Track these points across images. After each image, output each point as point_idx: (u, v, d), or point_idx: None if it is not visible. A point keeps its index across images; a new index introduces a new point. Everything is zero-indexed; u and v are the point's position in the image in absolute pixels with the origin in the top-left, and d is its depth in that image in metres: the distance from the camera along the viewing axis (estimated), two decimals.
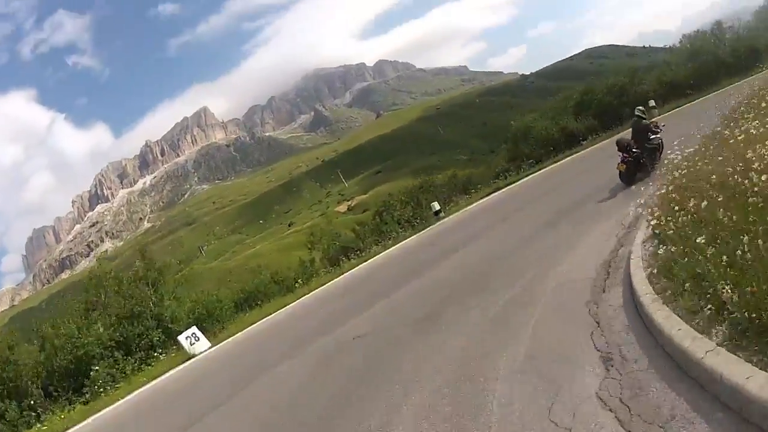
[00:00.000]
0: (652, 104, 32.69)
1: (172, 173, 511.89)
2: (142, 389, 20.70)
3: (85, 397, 22.62)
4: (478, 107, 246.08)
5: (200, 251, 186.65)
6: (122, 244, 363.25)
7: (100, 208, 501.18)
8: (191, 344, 23.74)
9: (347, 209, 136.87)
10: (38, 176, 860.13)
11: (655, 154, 16.38)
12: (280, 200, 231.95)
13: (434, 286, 13.39)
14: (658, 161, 15.99)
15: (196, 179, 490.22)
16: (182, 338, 23.95)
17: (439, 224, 28.62)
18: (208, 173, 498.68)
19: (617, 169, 16.06)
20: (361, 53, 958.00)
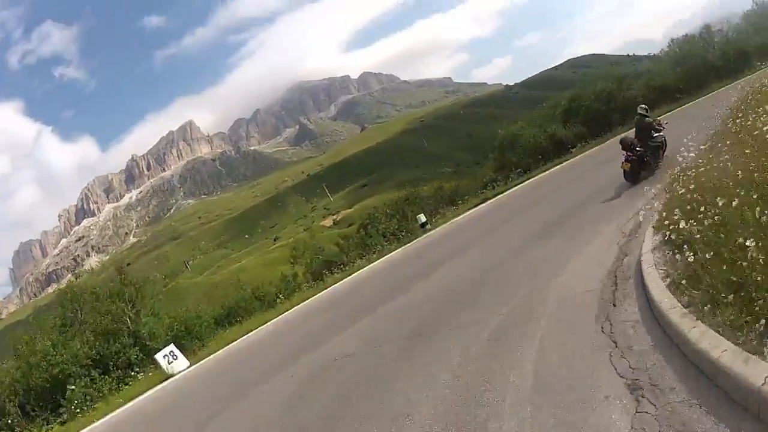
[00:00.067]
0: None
1: (158, 188, 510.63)
2: (119, 410, 19.81)
3: (62, 417, 21.87)
4: (462, 119, 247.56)
5: (186, 266, 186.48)
6: (108, 258, 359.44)
7: (86, 222, 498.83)
8: (169, 363, 22.56)
9: (333, 223, 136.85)
10: (25, 189, 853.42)
11: (658, 152, 16.28)
12: (265, 215, 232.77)
13: (422, 301, 12.44)
14: (661, 159, 15.97)
15: (181, 194, 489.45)
16: (159, 357, 22.77)
17: (425, 236, 27.75)
18: (193, 188, 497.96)
19: (621, 168, 15.79)
20: (345, 65, 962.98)
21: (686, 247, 5.80)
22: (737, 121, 9.07)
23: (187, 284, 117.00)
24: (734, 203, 5.05)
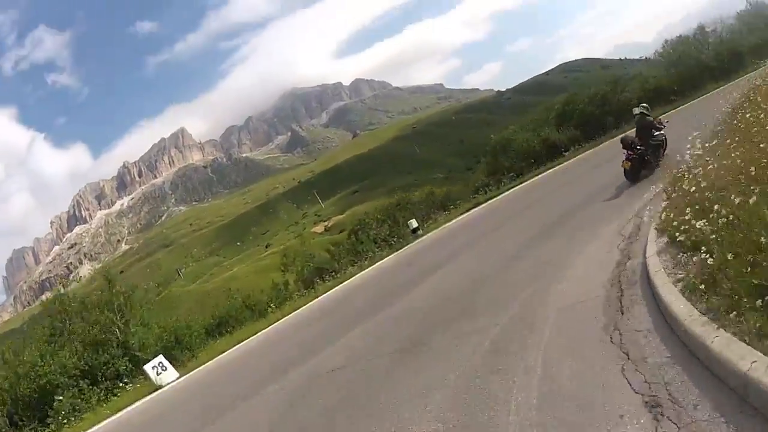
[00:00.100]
0: (636, 112, 32.04)
1: (149, 194, 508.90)
2: (106, 421, 19.54)
3: (50, 427, 21.58)
4: (454, 125, 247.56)
5: (178, 274, 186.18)
6: (101, 266, 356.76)
7: (78, 229, 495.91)
8: (158, 374, 22.20)
9: (324, 230, 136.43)
10: (18, 196, 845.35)
11: (658, 150, 16.35)
12: (257, 222, 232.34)
13: (415, 310, 11.94)
14: (661, 158, 16.05)
15: (173, 201, 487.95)
16: (148, 368, 22.42)
17: (417, 242, 27.45)
18: (185, 195, 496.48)
19: (622, 166, 15.71)
20: (337, 72, 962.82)
21: (699, 248, 5.40)
22: (747, 116, 8.66)
23: (179, 292, 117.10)
24: (751, 201, 4.74)
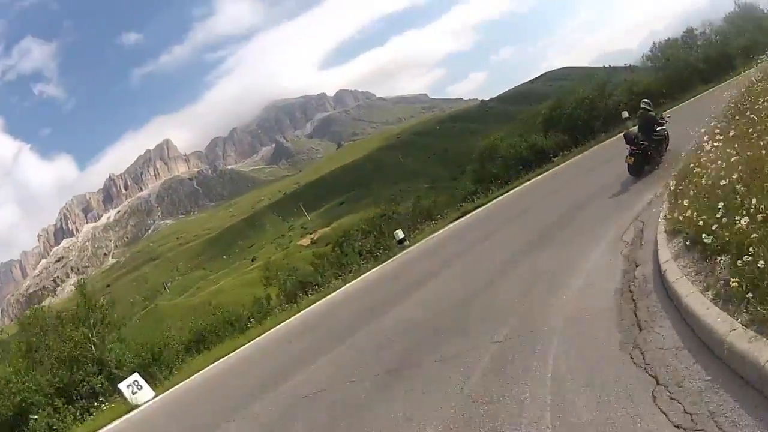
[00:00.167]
0: (625, 115, 31.94)
1: (135, 207, 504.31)
2: None
3: None
4: (438, 135, 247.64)
5: (165, 287, 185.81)
6: (87, 280, 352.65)
7: (65, 242, 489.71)
8: (133, 393, 21.34)
9: (311, 243, 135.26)
10: (4, 209, 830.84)
11: (661, 145, 16.46)
12: (243, 235, 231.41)
13: (402, 326, 11.02)
14: (664, 153, 16.27)
15: (159, 214, 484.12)
16: (123, 386, 21.68)
17: (403, 253, 26.59)
18: (171, 208, 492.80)
19: (626, 162, 15.83)
20: (321, 83, 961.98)
21: (728, 251, 4.59)
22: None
23: (166, 306, 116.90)
24: None
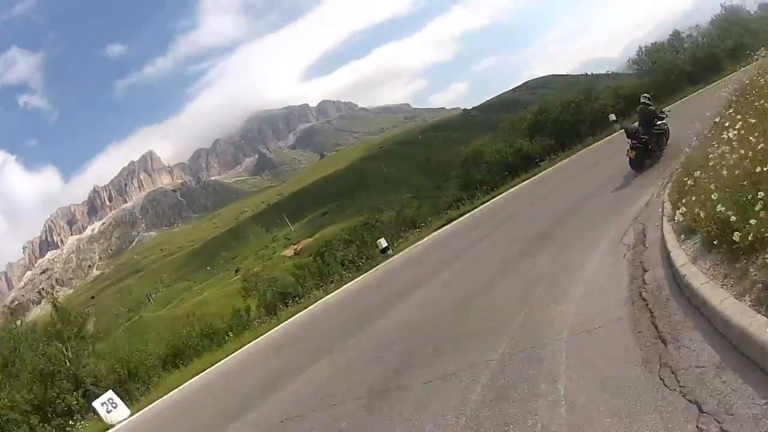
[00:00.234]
0: (612, 118, 31.62)
1: (119, 219, 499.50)
2: None
3: None
4: (420, 144, 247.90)
5: (149, 299, 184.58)
6: (72, 292, 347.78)
7: (50, 254, 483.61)
8: (108, 411, 20.22)
9: (294, 253, 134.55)
10: None
11: (662, 139, 16.62)
12: (226, 246, 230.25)
13: (387, 341, 10.09)
14: (665, 147, 16.49)
15: (143, 226, 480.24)
16: (97, 404, 20.63)
17: (387, 262, 25.83)
18: (155, 219, 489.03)
19: (627, 156, 15.94)
20: (304, 94, 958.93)
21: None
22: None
23: (150, 318, 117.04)
24: None
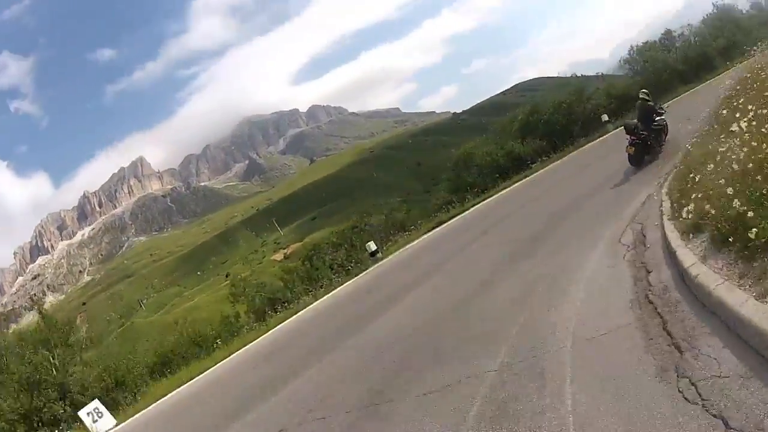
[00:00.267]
0: (605, 119, 31.35)
1: (109, 225, 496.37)
2: None
3: None
4: (410, 148, 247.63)
5: (140, 305, 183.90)
6: (63, 297, 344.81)
7: (41, 260, 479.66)
8: (94, 421, 19.76)
9: (283, 258, 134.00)
10: None
11: (660, 135, 16.58)
12: (216, 251, 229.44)
13: (377, 349, 9.62)
14: (664, 143, 16.47)
15: (133, 231, 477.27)
16: (83, 414, 20.26)
17: (376, 266, 25.35)
18: (145, 225, 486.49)
19: (626, 152, 15.83)
20: (294, 99, 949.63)
21: None
22: None
23: (142, 324, 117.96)
24: None
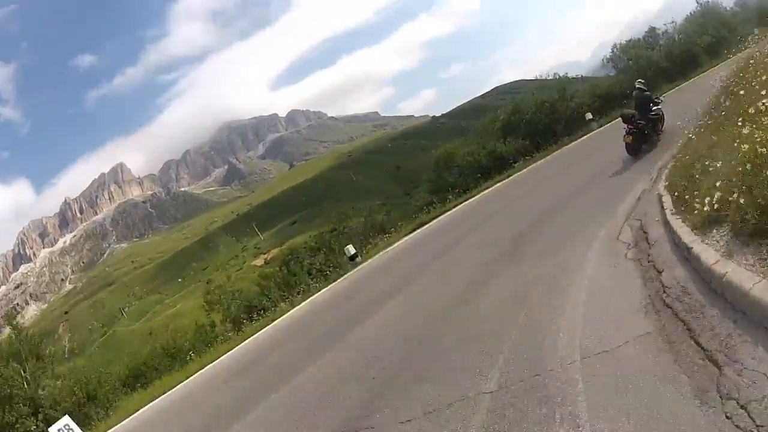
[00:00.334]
0: (589, 117, 31.03)
1: (90, 232, 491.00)
2: None
3: None
4: (389, 152, 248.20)
5: (122, 313, 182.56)
6: (46, 306, 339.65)
7: (23, 268, 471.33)
8: None
9: (264, 263, 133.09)
10: None
11: (657, 125, 16.65)
12: (197, 257, 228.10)
13: (356, 364, 8.65)
14: (661, 132, 16.56)
15: (114, 238, 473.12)
16: (54, 431, 18.95)
17: (356, 270, 24.43)
18: (126, 231, 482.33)
19: (624, 141, 15.91)
20: (273, 103, 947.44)
21: None
22: None
23: (124, 332, 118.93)
24: None
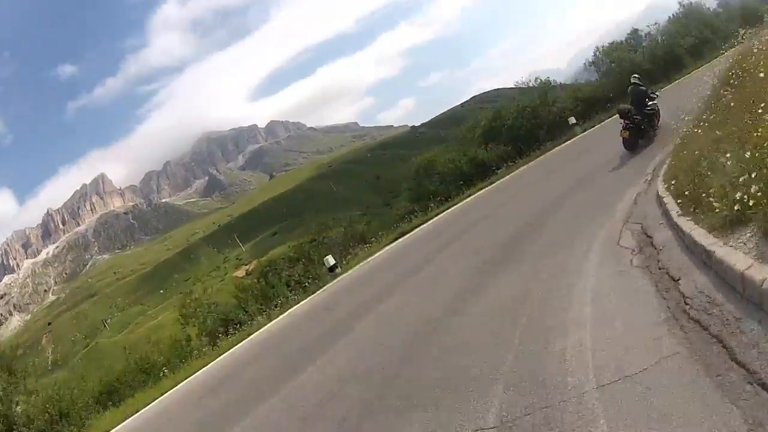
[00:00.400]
0: (572, 121, 30.76)
1: (73, 243, 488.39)
2: None
3: None
4: (369, 162, 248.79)
5: (104, 325, 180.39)
6: (30, 318, 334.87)
7: (7, 279, 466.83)
8: None
9: (246, 274, 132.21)
10: None
11: (653, 120, 16.75)
12: (178, 268, 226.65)
13: (337, 383, 7.97)
14: (657, 127, 16.60)
15: (96, 249, 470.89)
16: None
17: (336, 281, 23.88)
18: (108, 242, 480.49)
19: (621, 136, 15.89)
20: (253, 114, 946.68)
21: None
22: None
23: (106, 344, 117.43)
24: None
